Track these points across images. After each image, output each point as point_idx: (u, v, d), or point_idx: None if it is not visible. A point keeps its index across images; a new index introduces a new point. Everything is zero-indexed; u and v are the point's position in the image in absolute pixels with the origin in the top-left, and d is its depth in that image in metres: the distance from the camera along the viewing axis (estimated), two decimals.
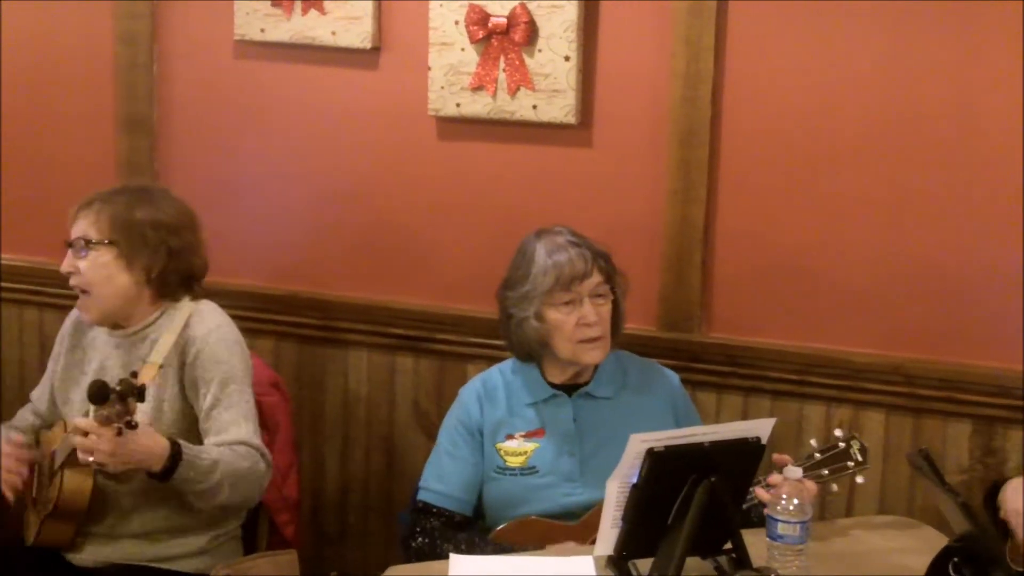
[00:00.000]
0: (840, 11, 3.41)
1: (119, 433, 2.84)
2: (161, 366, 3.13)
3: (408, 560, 3.07)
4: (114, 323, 3.24)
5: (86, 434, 2.87)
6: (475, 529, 3.17)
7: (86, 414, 3.00)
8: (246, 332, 3.33)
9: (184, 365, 3.16)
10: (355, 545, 4.01)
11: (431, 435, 3.36)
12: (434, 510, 3.17)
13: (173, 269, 3.22)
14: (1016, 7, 3.29)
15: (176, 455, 2.97)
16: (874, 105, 3.43)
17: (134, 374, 2.91)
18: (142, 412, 2.91)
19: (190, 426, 3.15)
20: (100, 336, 3.28)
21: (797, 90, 3.48)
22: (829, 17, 3.43)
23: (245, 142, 3.96)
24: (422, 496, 3.20)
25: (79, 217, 3.20)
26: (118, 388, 2.80)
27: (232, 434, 3.11)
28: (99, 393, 2.79)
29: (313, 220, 3.92)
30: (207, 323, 3.20)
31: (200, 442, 3.11)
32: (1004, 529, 3.00)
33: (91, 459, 2.90)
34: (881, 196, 3.46)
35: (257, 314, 3.91)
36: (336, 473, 4.00)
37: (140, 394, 2.83)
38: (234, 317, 3.31)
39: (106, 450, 2.87)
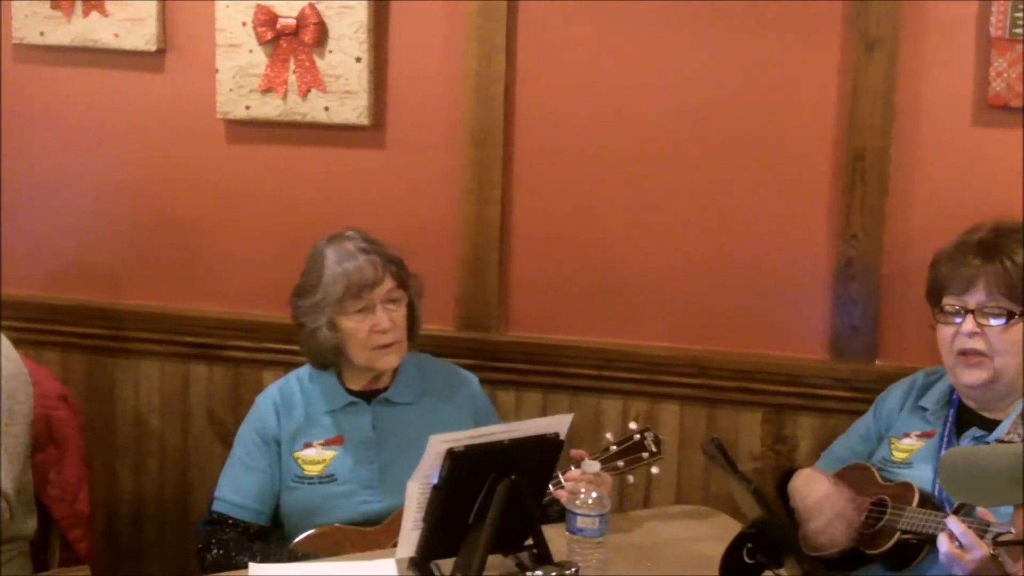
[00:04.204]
0: (632, 9, 3.46)
1: None
2: None
3: (204, 572, 3.01)
4: None
5: None
6: (272, 539, 3.13)
7: None
8: (31, 344, 3.23)
9: None
10: (152, 559, 3.92)
11: (227, 444, 3.30)
12: (229, 521, 3.11)
13: None
14: (794, 10, 3.38)
15: None
16: (664, 102, 3.49)
17: None
18: None
19: None
20: None
21: (590, 88, 3.52)
22: (621, 15, 3.47)
23: (27, 148, 3.83)
24: (217, 507, 3.14)
25: None
26: None
27: None
28: None
29: (99, 227, 3.81)
30: None
31: None
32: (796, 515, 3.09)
33: None
34: (675, 192, 3.52)
35: (42, 325, 3.80)
36: (130, 486, 3.90)
37: None
38: (17, 329, 3.21)
39: None
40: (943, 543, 2.60)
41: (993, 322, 2.89)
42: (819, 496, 2.97)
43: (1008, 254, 2.90)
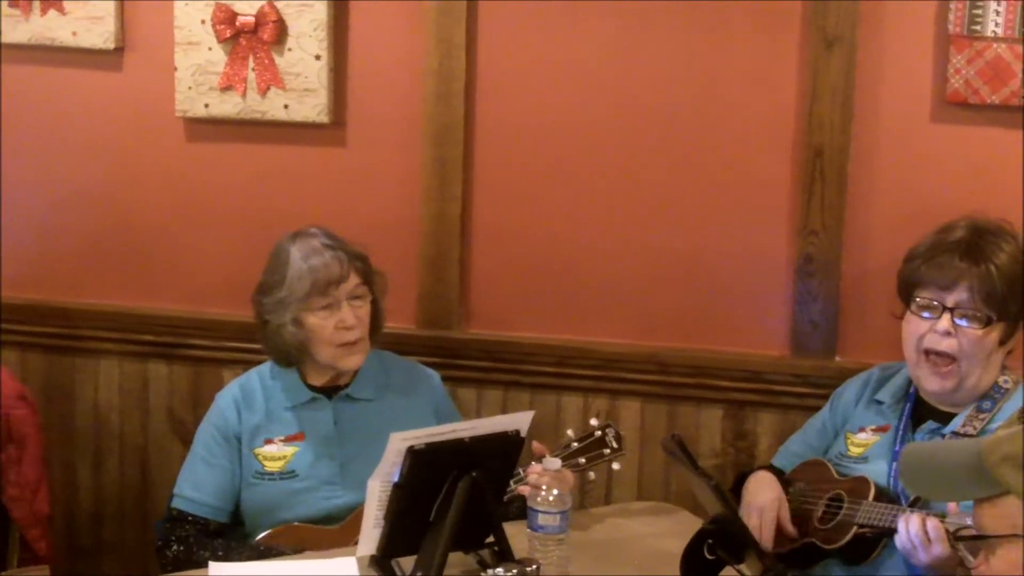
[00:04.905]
0: (592, 8, 3.46)
1: None
2: None
3: (164, 570, 3.00)
4: None
5: None
6: (232, 536, 3.12)
7: None
8: None
9: None
10: (112, 558, 3.90)
11: (187, 442, 3.29)
12: (189, 518, 3.10)
13: None
14: (754, 9, 3.40)
15: None
16: (624, 100, 3.50)
17: None
18: None
19: None
20: None
21: (550, 86, 3.53)
22: (581, 14, 3.48)
23: None
24: (176, 504, 3.13)
25: None
26: None
27: None
28: None
29: (58, 226, 3.79)
30: None
31: None
32: None
33: None
34: (634, 190, 3.53)
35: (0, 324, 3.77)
36: (89, 485, 3.88)
37: None
38: None
39: None
40: (914, 525, 2.62)
41: (968, 325, 2.88)
42: (758, 503, 3.00)
43: (991, 258, 2.89)
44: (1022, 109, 3.27)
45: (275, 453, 3.13)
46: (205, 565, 2.85)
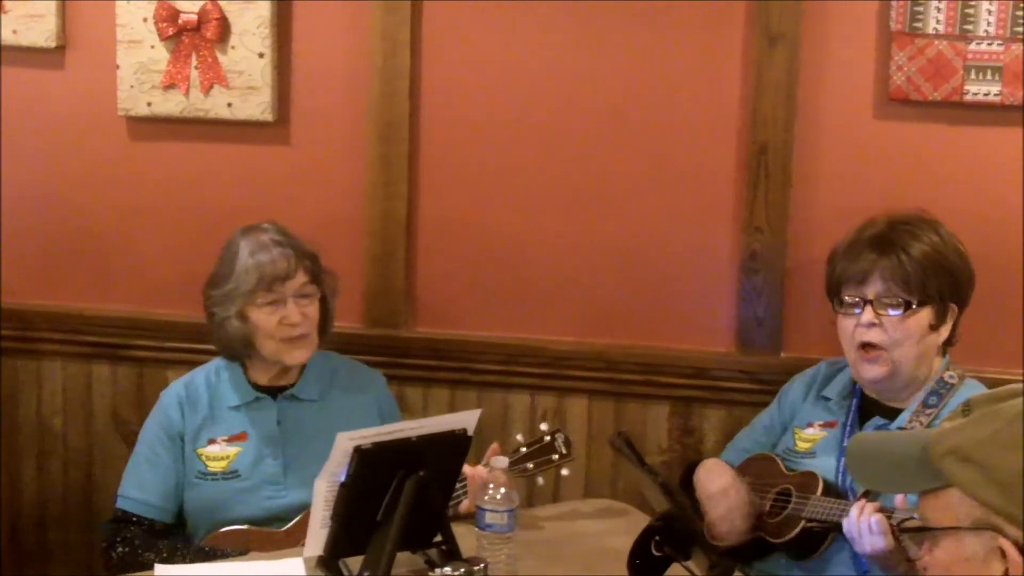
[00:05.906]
0: (536, 6, 3.47)
1: None
2: None
3: (110, 572, 2.97)
4: None
5: None
6: (177, 537, 3.10)
7: None
8: None
9: None
10: (57, 560, 3.87)
11: (132, 444, 3.26)
12: (134, 519, 3.09)
13: None
14: (698, 7, 3.41)
15: None
16: (570, 97, 3.50)
17: None
18: None
19: None
20: None
21: (495, 84, 3.53)
22: (525, 11, 3.48)
23: None
24: (121, 504, 3.11)
25: None
26: None
27: None
28: None
29: None
30: None
31: None
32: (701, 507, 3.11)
33: None
34: (580, 187, 3.53)
35: None
36: (33, 488, 3.85)
37: None
38: None
39: None
40: (866, 514, 2.64)
41: (891, 312, 2.93)
42: (718, 487, 3.01)
43: (903, 247, 2.94)
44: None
45: (218, 453, 3.12)
46: (151, 567, 2.83)
